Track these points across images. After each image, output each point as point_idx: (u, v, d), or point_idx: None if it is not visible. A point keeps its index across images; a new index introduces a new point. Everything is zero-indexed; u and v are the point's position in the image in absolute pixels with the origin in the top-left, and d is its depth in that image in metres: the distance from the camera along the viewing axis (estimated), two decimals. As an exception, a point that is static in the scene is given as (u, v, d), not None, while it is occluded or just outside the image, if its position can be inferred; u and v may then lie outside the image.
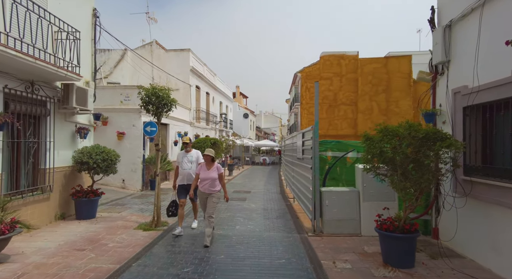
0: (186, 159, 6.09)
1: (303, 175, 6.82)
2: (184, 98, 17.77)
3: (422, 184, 4.05)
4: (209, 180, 5.23)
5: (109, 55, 18.19)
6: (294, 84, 32.66)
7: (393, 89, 28.22)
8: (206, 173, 5.25)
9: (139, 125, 11.24)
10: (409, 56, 28.19)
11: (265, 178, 17.34)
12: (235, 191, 11.80)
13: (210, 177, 5.23)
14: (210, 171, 5.27)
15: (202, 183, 5.28)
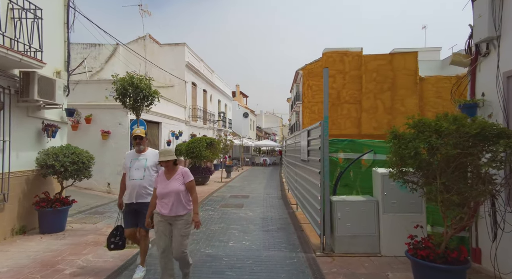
0: (136, 163, 3.90)
1: (309, 181, 5.78)
2: (179, 95, 16.76)
3: (474, 197, 3.00)
4: (172, 196, 3.25)
5: (100, 50, 17.18)
6: (296, 82, 31.60)
7: (399, 86, 27.15)
8: (165, 185, 3.30)
9: (126, 123, 10.22)
10: (415, 52, 27.10)
11: (265, 180, 16.30)
12: (232, 195, 10.75)
13: (172, 190, 3.25)
14: (171, 181, 3.31)
15: (161, 201, 3.31)
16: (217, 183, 14.48)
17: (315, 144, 5.32)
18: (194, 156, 13.33)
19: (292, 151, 9.20)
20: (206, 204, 9.04)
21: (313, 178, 5.32)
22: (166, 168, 3.38)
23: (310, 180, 5.70)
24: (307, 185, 6.03)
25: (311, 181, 5.52)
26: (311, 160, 5.66)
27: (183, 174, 3.38)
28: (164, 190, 3.29)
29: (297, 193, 7.76)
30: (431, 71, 27.48)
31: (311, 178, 5.51)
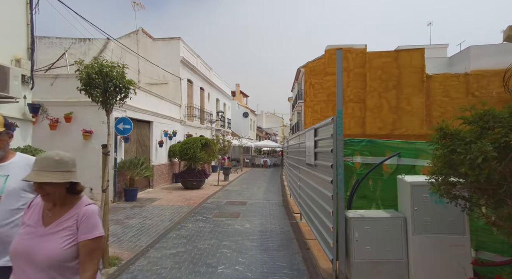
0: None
1: (317, 190, 4.75)
2: (174, 93, 15.76)
3: None
4: (38, 268, 1.45)
5: (90, 45, 16.20)
6: (297, 80, 30.55)
7: (404, 85, 26.06)
8: (31, 237, 1.52)
9: (110, 122, 9.19)
10: (421, 49, 26.03)
11: (265, 183, 15.26)
12: (229, 201, 9.73)
13: (43, 254, 1.46)
14: (49, 230, 1.53)
15: (18, 271, 1.50)
16: (213, 186, 13.46)
17: (325, 146, 4.29)
18: (188, 158, 12.32)
19: (295, 153, 8.18)
20: (198, 213, 8.02)
21: (323, 187, 4.30)
22: (46, 199, 1.56)
23: (318, 190, 4.68)
24: (315, 194, 5.00)
25: (320, 190, 4.50)
26: (319, 165, 4.63)
27: (83, 219, 1.56)
28: (23, 247, 1.50)
29: (301, 202, 6.74)
30: (437, 69, 26.41)
31: (320, 187, 4.49)
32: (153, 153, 12.41)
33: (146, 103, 11.76)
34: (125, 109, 9.92)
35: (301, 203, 6.73)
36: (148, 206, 8.77)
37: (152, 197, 10.41)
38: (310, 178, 5.54)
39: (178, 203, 9.29)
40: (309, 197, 5.69)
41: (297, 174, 7.48)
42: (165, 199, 9.95)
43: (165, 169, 13.62)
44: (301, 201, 6.82)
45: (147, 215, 7.65)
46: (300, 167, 6.86)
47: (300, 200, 6.88)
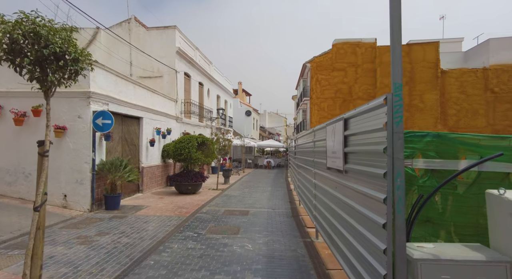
0: None
1: (351, 208, 3.27)
2: (169, 87, 14.34)
3: None
4: None
5: (77, 35, 14.76)
6: (302, 76, 29.03)
7: (417, 81, 24.50)
8: None
9: (87, 117, 7.79)
10: (435, 42, 24.51)
11: (269, 187, 13.78)
12: (227, 211, 8.27)
13: None
14: None
15: None
16: (211, 191, 12.01)
17: (367, 142, 2.80)
18: (182, 159, 10.87)
19: (307, 154, 6.71)
20: (189, 226, 6.56)
21: (364, 206, 2.82)
22: None
23: (351, 207, 3.20)
24: (344, 212, 3.52)
25: (357, 210, 3.01)
26: (355, 171, 3.14)
27: None
28: None
29: (318, 216, 5.25)
30: (452, 64, 24.72)
31: (358, 205, 3.00)
32: (143, 153, 10.98)
33: (134, 96, 10.33)
34: (107, 101, 8.49)
35: (318, 217, 5.24)
36: (131, 217, 7.33)
37: (139, 204, 8.97)
38: (334, 188, 4.06)
39: (167, 213, 7.84)
40: (331, 212, 4.21)
41: (311, 179, 6.00)
42: (153, 207, 8.51)
43: (158, 171, 12.19)
44: (317, 215, 5.33)
45: (126, 229, 6.21)
46: (316, 171, 5.38)
47: (317, 213, 5.40)
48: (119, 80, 9.36)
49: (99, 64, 8.18)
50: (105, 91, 8.49)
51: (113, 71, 9.00)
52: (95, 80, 8.00)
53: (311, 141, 6.14)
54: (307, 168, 6.54)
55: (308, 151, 6.47)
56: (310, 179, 6.17)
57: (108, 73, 8.71)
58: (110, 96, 8.65)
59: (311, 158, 6.05)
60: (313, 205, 5.69)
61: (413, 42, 24.53)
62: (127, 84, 9.84)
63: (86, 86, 7.74)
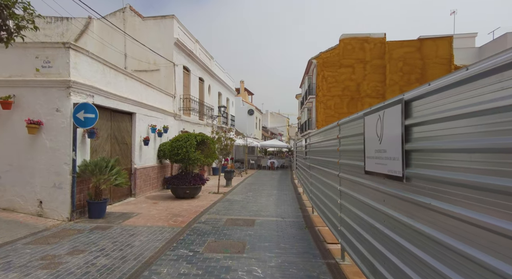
0: None
1: (419, 234, 2.13)
2: (166, 82, 13.24)
3: None
4: None
5: (68, 25, 13.78)
6: (308, 73, 27.86)
7: (430, 77, 23.26)
8: None
9: (67, 110, 6.68)
10: (449, 37, 23.29)
11: (275, 190, 12.65)
12: (230, 220, 7.14)
13: None
14: None
15: None
16: (212, 195, 10.89)
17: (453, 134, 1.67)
18: (179, 159, 9.75)
19: (326, 154, 5.59)
20: (183, 241, 5.44)
21: (439, 228, 1.68)
22: None
23: (420, 233, 2.05)
24: (404, 240, 2.37)
25: (432, 238, 1.86)
26: (426, 179, 1.99)
27: None
28: None
29: (348, 233, 4.11)
30: (465, 60, 23.42)
31: (434, 230, 1.86)
32: (136, 153, 9.87)
33: (126, 88, 9.23)
34: (92, 93, 7.39)
35: (347, 234, 4.09)
36: (117, 227, 6.21)
37: (128, 211, 7.86)
38: (380, 201, 2.92)
39: (160, 222, 6.72)
40: (374, 233, 3.07)
41: (334, 185, 4.87)
42: (145, 215, 7.39)
43: (153, 173, 11.07)
44: (345, 231, 4.19)
45: (107, 245, 5.09)
46: (343, 176, 4.24)
47: (344, 228, 4.25)
48: (108, 69, 8.25)
49: (82, 49, 7.07)
50: (90, 81, 7.38)
51: (100, 59, 7.90)
52: (77, 67, 6.89)
53: (333, 138, 5.01)
54: (327, 171, 5.40)
55: (329, 150, 5.34)
56: (332, 185, 5.03)
57: (93, 61, 7.61)
58: (96, 87, 7.54)
59: (333, 159, 4.92)
60: (338, 219, 4.55)
61: (425, 37, 23.30)
62: (117, 74, 8.73)
63: (65, 74, 6.63)
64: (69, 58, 6.62)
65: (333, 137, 5.01)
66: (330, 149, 5.23)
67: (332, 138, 5.06)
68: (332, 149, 5.04)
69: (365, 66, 23.55)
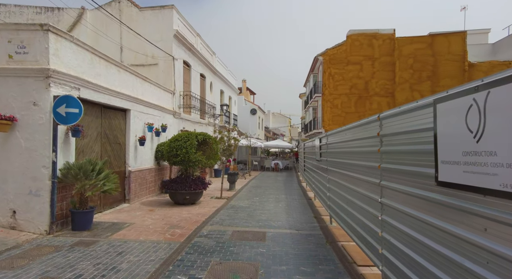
0: None
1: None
2: (165, 77, 12.27)
3: None
4: None
5: (60, 16, 12.81)
6: (313, 71, 26.81)
7: (441, 75, 22.20)
8: None
9: (46, 103, 5.69)
10: (462, 32, 22.22)
11: (283, 194, 11.64)
12: (237, 232, 6.14)
13: None
14: None
15: None
16: (214, 200, 9.89)
17: None
18: (178, 161, 8.75)
19: (360, 156, 4.59)
20: (181, 263, 4.43)
21: None
22: None
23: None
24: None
25: None
26: None
27: None
28: None
29: (398, 261, 3.10)
30: (478, 57, 22.31)
31: None
32: (131, 154, 8.88)
33: (119, 82, 8.25)
34: (78, 85, 6.40)
35: (397, 263, 3.08)
36: (103, 243, 5.22)
37: (120, 220, 6.87)
38: (486, 232, 1.91)
39: (154, 236, 5.72)
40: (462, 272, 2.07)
41: (373, 197, 3.87)
42: (138, 226, 6.40)
43: (150, 176, 10.08)
44: (394, 259, 3.18)
45: (87, 269, 4.10)
46: (388, 185, 3.25)
47: (389, 252, 3.24)
48: (97, 59, 7.27)
49: (65, 34, 6.09)
50: (75, 71, 6.40)
51: (88, 47, 6.92)
52: (58, 54, 5.90)
53: (369, 137, 4.01)
54: (359, 178, 4.39)
55: (361, 151, 4.33)
56: (367, 195, 4.03)
57: (80, 48, 6.62)
58: (83, 78, 6.55)
59: (370, 163, 3.92)
60: (380, 239, 3.55)
61: (436, 33, 22.16)
62: (108, 66, 7.75)
63: (43, 61, 5.64)
64: (48, 43, 5.63)
65: (369, 135, 4.01)
66: (364, 150, 4.23)
67: (368, 137, 4.06)
68: (368, 150, 4.04)
69: (373, 63, 22.51)
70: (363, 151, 4.25)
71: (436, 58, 21.81)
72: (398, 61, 22.33)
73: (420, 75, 21.85)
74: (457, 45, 21.65)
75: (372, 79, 22.68)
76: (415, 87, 21.88)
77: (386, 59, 22.55)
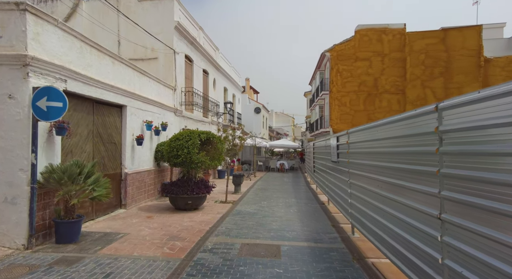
0: None
1: None
2: (165, 72, 11.47)
3: None
4: None
5: (53, 7, 12.06)
6: (319, 68, 25.90)
7: (455, 71, 21.16)
8: None
9: (24, 97, 4.88)
10: (477, 26, 21.14)
11: (293, 198, 10.80)
12: (246, 246, 5.30)
13: None
14: None
15: None
16: (219, 204, 9.07)
17: None
18: (179, 163, 7.94)
19: (401, 158, 3.75)
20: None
21: None
22: None
23: None
24: None
25: None
26: None
27: None
28: None
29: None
30: (493, 52, 21.17)
31: None
32: (127, 155, 8.08)
33: (114, 75, 7.45)
34: (64, 76, 5.59)
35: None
36: (89, 260, 4.41)
37: (114, 229, 6.06)
38: None
39: (151, 250, 4.90)
40: None
41: (430, 212, 3.02)
42: (133, 237, 5.58)
43: (149, 179, 9.28)
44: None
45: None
46: (463, 199, 2.40)
47: None
48: (88, 48, 6.46)
49: (47, 16, 5.28)
50: (61, 60, 5.59)
51: (77, 33, 6.11)
52: (39, 39, 5.10)
53: (419, 133, 3.16)
54: (399, 185, 3.54)
55: (406, 152, 3.48)
56: (414, 208, 3.18)
57: (66, 34, 5.82)
58: (70, 69, 5.75)
59: (421, 167, 3.07)
60: (439, 267, 2.69)
61: (449, 27, 21.12)
62: (101, 56, 6.95)
63: (20, 47, 4.84)
64: (26, 25, 4.83)
65: (418, 132, 3.16)
66: (407, 150, 3.38)
67: (415, 134, 3.21)
68: (415, 150, 3.19)
69: (383, 59, 21.58)
70: (406, 152, 3.40)
71: (450, 53, 20.84)
72: (409, 57, 21.38)
73: (432, 71, 20.88)
74: (472, 39, 20.67)
75: (381, 75, 21.75)
76: (427, 84, 20.91)
77: (396, 55, 21.61)
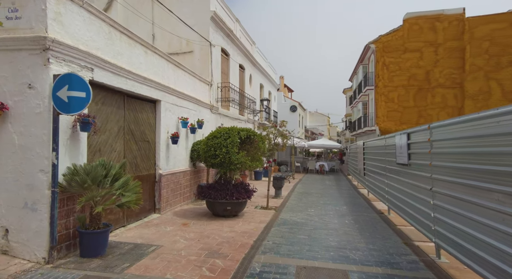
0: None
1: None
2: (201, 67, 10.73)
3: None
4: None
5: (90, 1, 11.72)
6: (362, 62, 24.04)
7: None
8: None
9: (44, 86, 4.20)
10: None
11: (343, 205, 9.52)
12: (303, 270, 4.22)
13: None
14: None
15: None
16: (260, 210, 8.08)
17: None
18: (217, 163, 7.04)
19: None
20: None
21: None
22: None
23: None
24: None
25: None
26: None
27: None
28: None
29: None
30: None
31: None
32: (162, 154, 7.35)
33: (146, 66, 6.73)
34: (90, 64, 4.89)
35: None
36: None
37: (145, 240, 5.27)
38: None
39: (186, 272, 3.99)
40: None
41: None
42: (167, 251, 4.73)
43: (184, 180, 8.52)
44: None
45: None
46: None
47: None
48: (118, 34, 5.77)
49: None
50: (87, 46, 4.91)
51: (105, 16, 5.43)
52: (61, 20, 4.42)
53: None
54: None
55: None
56: None
57: (93, 17, 5.15)
58: (98, 56, 5.05)
59: None
60: None
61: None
62: (132, 44, 6.24)
63: (40, 28, 4.17)
64: (46, 3, 4.15)
65: None
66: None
67: None
68: None
69: (436, 50, 19.35)
70: None
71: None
72: (469, 46, 18.93)
73: (498, 61, 18.29)
74: (548, 22, 17.75)
75: (434, 68, 19.52)
76: (491, 75, 18.37)
77: (452, 44, 19.26)
